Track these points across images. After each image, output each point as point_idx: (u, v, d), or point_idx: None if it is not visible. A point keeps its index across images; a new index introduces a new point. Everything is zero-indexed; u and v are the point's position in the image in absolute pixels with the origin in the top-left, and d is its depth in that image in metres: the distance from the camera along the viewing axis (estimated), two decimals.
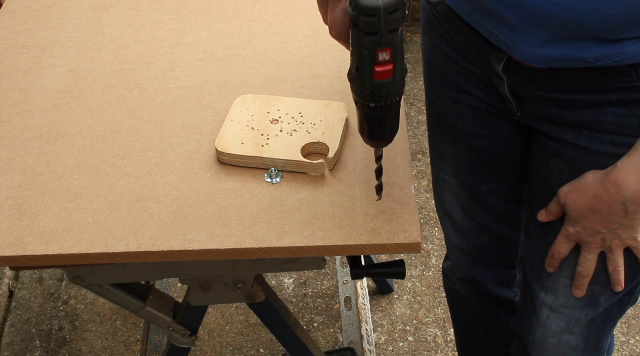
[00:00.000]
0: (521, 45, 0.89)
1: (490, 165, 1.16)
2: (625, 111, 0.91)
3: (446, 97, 1.12)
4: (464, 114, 1.11)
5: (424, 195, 2.30)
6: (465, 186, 1.21)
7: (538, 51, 0.88)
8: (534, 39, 0.87)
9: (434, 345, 1.92)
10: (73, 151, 1.08)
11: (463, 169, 1.19)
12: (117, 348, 1.92)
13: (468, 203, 1.24)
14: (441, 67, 1.10)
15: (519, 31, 0.88)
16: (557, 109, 0.96)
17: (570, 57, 0.87)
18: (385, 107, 0.83)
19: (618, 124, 0.92)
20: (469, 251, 1.32)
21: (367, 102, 0.83)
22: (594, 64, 0.87)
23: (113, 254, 0.94)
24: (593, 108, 0.93)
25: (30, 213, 0.99)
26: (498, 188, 1.20)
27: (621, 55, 0.85)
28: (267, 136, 1.06)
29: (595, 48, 0.85)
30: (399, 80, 0.82)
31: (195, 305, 1.19)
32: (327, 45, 1.26)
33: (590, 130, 0.95)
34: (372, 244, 0.94)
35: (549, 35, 0.86)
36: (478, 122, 1.11)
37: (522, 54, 0.91)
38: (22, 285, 2.09)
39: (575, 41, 0.85)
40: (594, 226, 0.96)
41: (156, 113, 1.14)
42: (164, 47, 1.27)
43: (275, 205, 0.99)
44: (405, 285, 2.06)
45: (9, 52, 1.28)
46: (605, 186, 0.91)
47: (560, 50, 0.87)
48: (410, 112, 2.58)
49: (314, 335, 1.94)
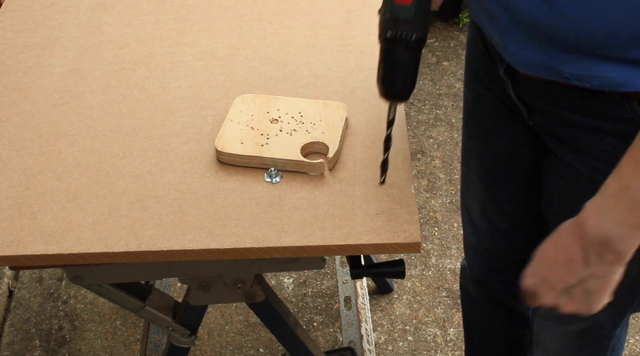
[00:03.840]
0: (509, 46, 0.89)
1: (507, 169, 1.15)
2: (621, 143, 0.85)
3: (474, 92, 1.12)
4: (488, 112, 1.11)
5: (423, 195, 2.30)
6: (486, 186, 1.21)
7: (523, 54, 0.88)
8: (519, 40, 0.87)
9: (433, 345, 1.92)
10: (73, 150, 1.08)
11: (485, 169, 1.19)
12: (117, 348, 1.92)
13: (487, 205, 1.23)
14: (475, 60, 1.10)
15: (508, 31, 0.87)
16: (560, 126, 0.95)
17: (550, 67, 0.86)
18: (401, 40, 0.85)
19: (613, 157, 0.87)
20: (483, 252, 1.31)
21: (386, 30, 0.86)
22: (572, 81, 0.84)
23: (113, 254, 0.94)
24: (591, 133, 0.91)
25: (30, 212, 0.99)
26: (516, 195, 1.18)
27: (600, 79, 0.82)
28: (267, 136, 1.06)
29: (572, 63, 0.83)
30: (419, 14, 0.85)
31: (195, 304, 1.19)
32: (327, 45, 1.26)
33: (588, 155, 0.93)
34: (372, 244, 0.94)
35: (530, 38, 0.85)
36: (499, 123, 1.10)
37: (510, 56, 0.90)
38: (22, 285, 2.09)
39: (554, 50, 0.84)
40: (549, 275, 0.84)
41: (156, 113, 1.14)
42: (164, 47, 1.27)
43: (275, 205, 0.99)
44: (405, 285, 2.06)
45: (9, 52, 1.27)
46: (571, 228, 0.81)
47: (541, 56, 0.86)
48: (410, 112, 2.58)
49: (313, 334, 1.94)
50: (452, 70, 2.75)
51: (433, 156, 2.42)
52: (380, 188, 1.00)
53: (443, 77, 2.72)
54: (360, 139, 1.08)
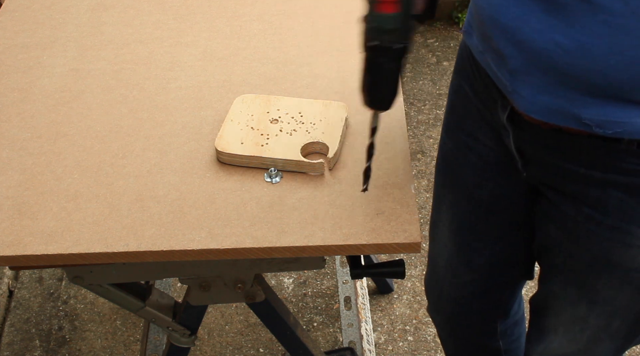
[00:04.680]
0: (520, 90, 0.84)
1: (488, 221, 1.11)
2: (632, 198, 0.85)
3: (459, 141, 1.08)
4: (472, 163, 1.07)
5: (423, 195, 2.30)
6: (456, 240, 1.17)
7: (535, 98, 0.83)
8: (532, 83, 0.82)
9: (433, 345, 1.92)
10: (73, 151, 1.08)
11: (457, 222, 1.15)
12: (117, 348, 1.92)
13: (453, 258, 1.20)
14: (461, 108, 1.06)
15: (520, 73, 0.83)
16: (561, 179, 0.91)
17: (568, 113, 0.81)
18: (385, 50, 0.84)
19: (622, 211, 0.86)
20: (447, 300, 1.29)
21: (370, 39, 0.84)
22: (592, 129, 0.80)
23: (113, 254, 0.94)
24: (597, 187, 0.87)
25: (30, 212, 0.99)
26: (489, 247, 1.15)
27: (623, 126, 0.78)
28: (267, 136, 1.06)
29: (594, 108, 0.79)
30: (403, 23, 0.83)
31: (195, 304, 1.19)
32: (327, 45, 1.26)
33: (592, 209, 0.89)
34: (372, 244, 0.94)
35: (547, 81, 0.81)
36: (483, 174, 1.06)
37: (520, 101, 0.85)
38: (22, 285, 2.08)
39: (574, 93, 0.79)
40: None
41: (156, 113, 1.14)
42: (164, 47, 1.27)
43: (275, 205, 0.99)
44: (405, 285, 2.06)
45: (9, 52, 1.28)
46: None
47: (558, 101, 0.81)
48: (410, 112, 2.58)
49: (313, 334, 1.94)
50: (452, 70, 2.75)
51: (433, 156, 2.42)
52: (380, 188, 1.00)
53: (443, 77, 2.72)
54: (360, 139, 1.08)
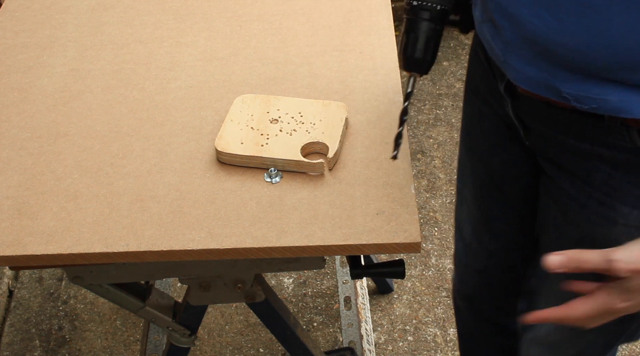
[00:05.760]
0: (510, 60, 0.86)
1: (502, 189, 1.13)
2: (617, 173, 0.86)
3: (474, 106, 1.10)
4: (485, 128, 1.08)
5: (423, 195, 2.30)
6: (479, 205, 1.18)
7: (523, 69, 0.85)
8: (521, 55, 0.84)
9: (433, 345, 1.92)
10: (73, 151, 1.08)
11: (478, 188, 1.17)
12: (117, 348, 1.92)
13: (479, 224, 1.21)
14: (476, 73, 1.08)
15: (510, 45, 0.85)
16: (556, 150, 0.93)
17: (550, 86, 0.83)
18: (425, 9, 0.87)
19: (608, 185, 0.88)
20: (473, 270, 1.30)
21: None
22: (570, 102, 0.82)
23: (113, 254, 0.94)
24: (587, 159, 0.89)
25: (30, 212, 0.99)
26: (510, 216, 1.16)
27: (599, 102, 0.80)
28: (267, 136, 1.06)
29: (573, 83, 0.81)
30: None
31: (195, 304, 1.19)
32: (327, 45, 1.26)
33: (583, 182, 0.91)
34: (372, 244, 0.94)
35: (533, 54, 0.83)
36: (495, 140, 1.08)
37: (511, 71, 0.88)
38: (22, 285, 2.09)
39: (555, 67, 0.81)
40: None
41: (156, 113, 1.14)
42: (164, 47, 1.27)
43: (274, 205, 0.99)
44: (405, 285, 2.06)
45: (9, 52, 1.27)
46: None
47: (542, 74, 0.83)
48: (410, 112, 2.58)
49: (313, 334, 1.94)
50: (452, 70, 2.75)
51: (433, 156, 2.42)
52: (380, 188, 1.00)
53: (443, 77, 2.72)
54: (360, 139, 1.08)
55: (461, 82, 2.70)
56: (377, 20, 1.31)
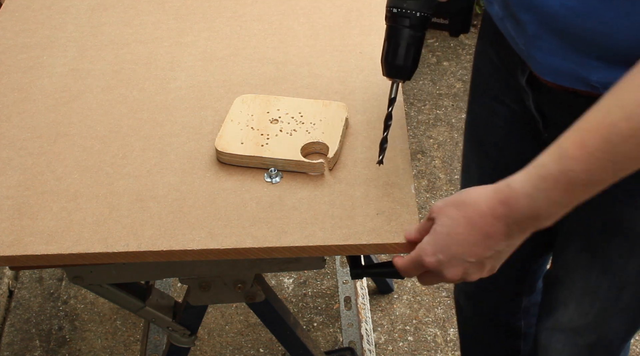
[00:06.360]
0: (535, 53, 0.88)
1: None
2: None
3: (484, 105, 1.10)
4: (496, 126, 1.09)
5: (423, 195, 2.30)
6: None
7: (549, 61, 0.86)
8: (546, 47, 0.85)
9: (433, 345, 1.92)
10: (73, 151, 1.08)
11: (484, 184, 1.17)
12: (117, 348, 1.92)
13: None
14: (485, 73, 1.09)
15: (535, 38, 0.86)
16: None
17: (578, 75, 0.84)
18: (406, 17, 0.87)
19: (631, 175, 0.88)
20: None
21: (391, 6, 0.88)
22: (599, 91, 0.82)
23: (113, 254, 0.94)
24: None
25: (30, 212, 0.99)
26: None
27: None
28: (267, 136, 1.06)
29: (603, 71, 0.81)
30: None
31: (195, 304, 1.19)
32: (327, 45, 1.26)
33: None
34: (372, 244, 0.94)
35: (559, 45, 0.84)
36: (508, 137, 1.08)
37: (535, 64, 0.89)
38: (22, 285, 2.09)
39: (584, 56, 0.82)
40: (463, 252, 0.80)
41: (156, 113, 1.14)
42: (164, 47, 1.27)
43: (275, 205, 0.99)
44: (405, 285, 2.06)
45: (9, 52, 1.28)
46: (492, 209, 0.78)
47: (568, 64, 0.84)
48: (410, 112, 2.58)
49: (313, 334, 1.94)
50: (452, 70, 2.75)
51: (433, 156, 2.42)
52: (380, 188, 1.00)
53: (443, 77, 2.72)
54: (360, 139, 1.08)
55: (461, 82, 2.70)
56: (377, 20, 1.31)
